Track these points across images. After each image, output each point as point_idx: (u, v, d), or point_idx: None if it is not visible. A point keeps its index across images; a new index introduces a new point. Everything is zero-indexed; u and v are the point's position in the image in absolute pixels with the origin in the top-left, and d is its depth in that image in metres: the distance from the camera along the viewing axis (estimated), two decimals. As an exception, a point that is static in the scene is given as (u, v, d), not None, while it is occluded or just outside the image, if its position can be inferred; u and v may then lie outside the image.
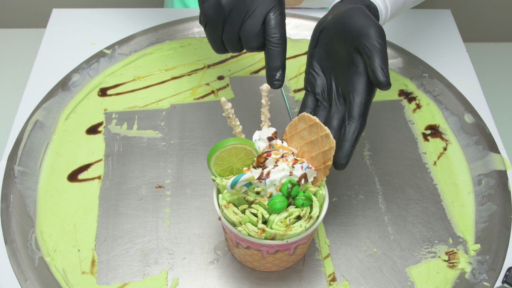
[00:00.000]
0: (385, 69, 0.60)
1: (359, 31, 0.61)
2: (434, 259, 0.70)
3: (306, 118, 0.60)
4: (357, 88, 0.62)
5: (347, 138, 0.61)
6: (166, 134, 0.83)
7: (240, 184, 0.57)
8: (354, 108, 0.61)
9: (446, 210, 0.75)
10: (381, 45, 0.61)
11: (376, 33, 0.61)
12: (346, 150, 0.61)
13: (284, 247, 0.61)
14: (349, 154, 0.61)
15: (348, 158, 0.61)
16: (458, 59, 0.95)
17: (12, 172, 0.75)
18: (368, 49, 0.60)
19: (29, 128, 0.81)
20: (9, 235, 0.69)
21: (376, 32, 0.61)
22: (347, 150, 0.61)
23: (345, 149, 0.61)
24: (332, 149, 0.58)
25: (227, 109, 0.61)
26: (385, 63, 0.60)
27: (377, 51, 0.60)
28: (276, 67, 0.65)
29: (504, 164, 0.78)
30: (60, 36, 0.97)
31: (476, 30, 2.01)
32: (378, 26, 0.62)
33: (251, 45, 0.65)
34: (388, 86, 0.60)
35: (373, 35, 0.61)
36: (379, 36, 0.61)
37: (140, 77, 0.91)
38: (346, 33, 0.63)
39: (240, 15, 0.64)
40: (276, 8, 0.65)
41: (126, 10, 1.02)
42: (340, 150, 0.61)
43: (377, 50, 0.60)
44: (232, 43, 0.66)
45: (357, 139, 0.61)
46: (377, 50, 0.60)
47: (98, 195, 0.75)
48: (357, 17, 0.63)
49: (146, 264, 0.68)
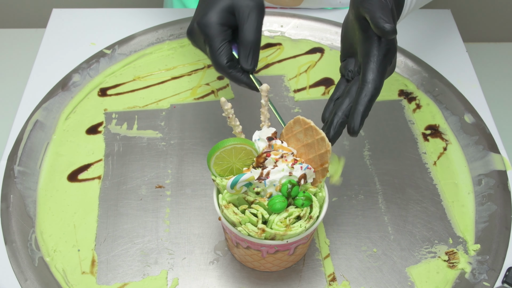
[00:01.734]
0: (387, 17, 0.58)
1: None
2: (434, 259, 0.70)
3: (301, 121, 0.60)
4: (368, 53, 0.61)
5: (359, 101, 0.59)
6: (166, 134, 0.83)
7: (240, 184, 0.57)
8: (366, 72, 0.60)
9: (446, 210, 0.75)
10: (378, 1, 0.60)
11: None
12: (358, 113, 0.59)
13: (284, 247, 0.61)
14: (361, 118, 0.59)
15: (360, 123, 0.59)
16: (458, 59, 0.95)
17: (12, 172, 0.75)
18: (368, 8, 0.60)
19: (29, 128, 0.81)
20: (9, 235, 0.69)
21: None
22: (359, 113, 0.59)
23: (357, 113, 0.59)
24: (328, 152, 0.58)
25: (227, 109, 0.61)
26: (387, 14, 0.59)
27: (376, 6, 0.59)
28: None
29: (504, 164, 0.78)
30: (60, 36, 0.97)
31: (476, 30, 2.00)
32: None
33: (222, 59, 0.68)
34: (394, 33, 0.58)
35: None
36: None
37: (140, 77, 0.91)
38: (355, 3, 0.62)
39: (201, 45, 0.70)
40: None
41: (126, 10, 1.02)
42: (352, 115, 0.60)
43: (376, 5, 0.59)
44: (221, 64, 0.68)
45: (370, 102, 0.60)
46: (376, 5, 0.59)
47: (98, 195, 0.75)
48: None
49: (146, 264, 0.68)
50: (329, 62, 0.94)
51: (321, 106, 0.86)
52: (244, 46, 0.67)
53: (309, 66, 0.94)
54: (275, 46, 0.97)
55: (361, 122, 0.59)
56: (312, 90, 0.90)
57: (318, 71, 0.93)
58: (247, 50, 0.67)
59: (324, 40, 0.98)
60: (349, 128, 0.60)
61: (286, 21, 0.99)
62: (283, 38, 0.98)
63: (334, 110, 0.63)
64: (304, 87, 0.91)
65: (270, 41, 0.97)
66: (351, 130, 0.60)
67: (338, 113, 0.62)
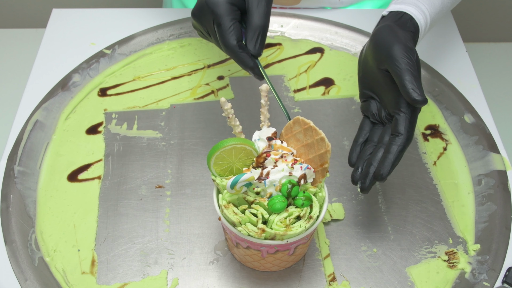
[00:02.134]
0: (416, 85, 0.60)
1: (386, 53, 0.62)
2: (434, 259, 0.70)
3: (300, 121, 0.60)
4: (398, 104, 0.63)
5: (390, 151, 0.62)
6: (166, 134, 0.83)
7: (240, 184, 0.57)
8: (398, 123, 0.62)
9: (446, 210, 0.75)
10: (406, 63, 0.61)
11: (399, 52, 0.61)
12: (388, 162, 0.61)
13: (284, 247, 0.61)
14: (391, 167, 0.62)
15: (389, 171, 0.62)
16: (458, 59, 0.95)
17: (12, 172, 0.75)
18: (394, 71, 0.61)
19: (29, 128, 0.81)
20: (9, 235, 0.69)
21: (399, 51, 0.61)
22: (389, 162, 0.61)
23: (388, 161, 0.61)
24: (328, 152, 0.58)
25: (226, 109, 0.61)
26: (415, 79, 0.60)
27: (403, 70, 0.61)
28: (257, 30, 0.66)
29: (504, 164, 0.78)
30: (60, 36, 0.97)
31: (476, 30, 2.00)
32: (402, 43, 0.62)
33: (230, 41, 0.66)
34: (424, 103, 0.60)
35: (397, 55, 0.61)
36: (403, 55, 0.61)
37: (140, 77, 0.91)
38: (377, 55, 0.64)
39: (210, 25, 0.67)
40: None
41: (126, 10, 1.02)
42: (383, 162, 0.62)
43: (403, 69, 0.61)
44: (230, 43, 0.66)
45: (401, 152, 0.62)
46: (403, 70, 0.61)
47: (98, 195, 0.75)
48: (383, 37, 0.64)
49: (146, 264, 0.68)
50: (329, 62, 0.94)
51: (321, 106, 0.87)
52: (252, 30, 0.65)
53: (309, 66, 0.94)
54: (275, 46, 0.97)
55: (390, 170, 0.62)
56: (312, 90, 0.90)
57: (318, 71, 0.93)
58: (255, 34, 0.65)
59: (324, 40, 0.98)
60: (378, 175, 0.62)
61: (286, 21, 0.99)
62: (283, 38, 0.98)
63: (370, 160, 0.65)
64: (304, 87, 0.91)
65: (270, 41, 0.97)
66: (379, 176, 0.62)
67: (374, 164, 0.64)
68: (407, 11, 0.67)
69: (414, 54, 0.62)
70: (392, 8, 0.69)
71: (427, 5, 0.69)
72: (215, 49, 0.96)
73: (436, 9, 0.71)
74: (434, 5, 0.70)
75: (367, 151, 0.66)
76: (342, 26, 0.98)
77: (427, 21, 0.69)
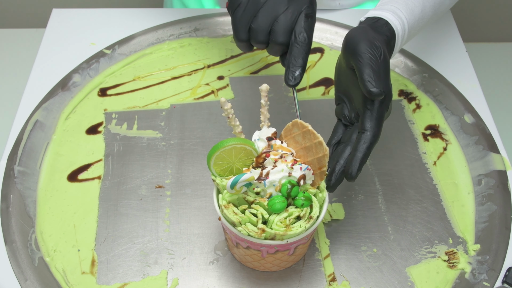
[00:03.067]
0: (373, 78, 0.60)
1: (352, 50, 0.62)
2: (434, 259, 0.70)
3: (299, 124, 0.60)
4: (365, 101, 0.63)
5: (358, 149, 0.62)
6: (166, 134, 0.83)
7: (240, 184, 0.57)
8: (364, 120, 0.62)
9: (446, 210, 0.75)
10: (368, 58, 0.61)
11: (364, 48, 0.61)
12: (356, 160, 0.61)
13: (284, 247, 0.61)
14: (359, 165, 0.61)
15: (358, 169, 0.61)
16: (458, 59, 0.95)
17: (12, 172, 0.75)
18: (356, 66, 0.61)
19: (29, 128, 0.81)
20: (9, 235, 0.69)
21: (363, 47, 0.61)
22: (357, 160, 0.61)
23: (355, 160, 0.61)
24: (326, 156, 0.59)
25: (226, 109, 0.61)
26: (374, 73, 0.60)
27: (364, 64, 0.61)
28: (298, 64, 0.66)
29: (504, 164, 0.78)
30: (60, 36, 0.97)
31: (476, 30, 2.00)
32: (368, 41, 0.62)
33: (279, 39, 0.66)
34: (379, 95, 0.60)
35: (360, 51, 0.61)
36: (367, 50, 0.61)
37: (140, 77, 0.91)
38: (346, 54, 0.64)
39: (277, 7, 0.66)
40: (309, 9, 0.66)
41: (126, 10, 1.02)
42: (351, 161, 0.62)
43: (364, 63, 0.61)
44: (261, 33, 0.66)
45: (368, 149, 0.62)
46: (363, 64, 0.61)
47: (98, 195, 0.75)
48: (353, 36, 0.64)
49: (146, 264, 0.68)
50: (329, 62, 0.94)
51: (321, 106, 0.87)
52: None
53: (309, 66, 0.94)
54: (275, 46, 0.97)
55: (359, 168, 0.61)
56: (312, 90, 0.90)
57: (318, 71, 0.93)
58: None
59: (324, 40, 0.98)
60: (347, 174, 0.62)
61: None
62: (283, 38, 0.98)
63: (336, 158, 0.65)
64: (304, 87, 0.91)
65: (270, 41, 0.97)
66: (348, 176, 0.62)
67: (340, 161, 0.64)
68: (383, 17, 0.68)
69: (379, 51, 0.62)
70: (369, 14, 0.69)
71: (405, 12, 0.69)
72: (215, 49, 0.96)
73: (416, 16, 0.71)
74: (413, 12, 0.70)
75: (338, 152, 0.66)
76: (342, 26, 0.98)
77: (404, 27, 0.69)
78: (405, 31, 0.69)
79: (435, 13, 0.76)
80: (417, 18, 0.71)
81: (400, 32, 0.69)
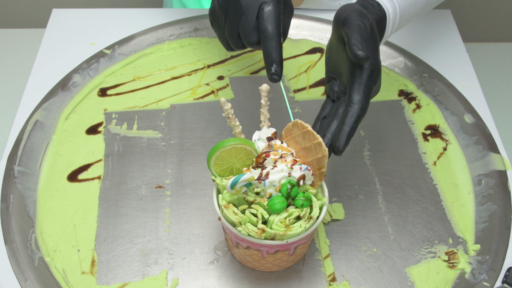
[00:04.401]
0: (360, 42, 0.59)
1: (342, 21, 0.62)
2: (434, 259, 0.70)
3: (299, 124, 0.60)
4: (353, 74, 0.62)
5: (345, 122, 0.60)
6: (166, 134, 0.83)
7: (240, 184, 0.57)
8: (352, 94, 0.61)
9: (446, 210, 0.75)
10: (358, 25, 0.61)
11: (353, 17, 0.61)
12: (343, 133, 0.60)
13: (284, 247, 0.61)
14: (346, 139, 0.60)
15: (345, 143, 0.60)
16: (458, 59, 0.95)
17: (12, 172, 0.75)
18: (346, 33, 0.61)
19: (29, 128, 0.81)
20: (9, 235, 0.69)
21: (353, 16, 0.61)
22: (345, 133, 0.60)
23: (343, 133, 0.60)
24: (324, 157, 0.59)
25: (226, 109, 0.61)
26: (363, 38, 0.60)
27: (353, 31, 0.60)
28: (269, 61, 0.65)
29: (504, 164, 0.78)
30: (60, 36, 0.97)
31: (476, 30, 2.00)
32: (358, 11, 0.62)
33: (249, 41, 0.66)
34: (365, 60, 0.59)
35: (350, 20, 0.61)
36: (357, 18, 0.61)
37: (140, 77, 0.91)
38: (336, 27, 0.64)
39: (236, 13, 0.66)
40: (267, 2, 0.65)
41: (126, 10, 1.02)
42: (338, 134, 0.60)
43: (353, 30, 0.60)
44: (233, 41, 0.68)
45: (355, 123, 0.60)
46: (352, 30, 0.60)
47: (98, 195, 0.75)
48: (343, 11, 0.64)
49: (146, 264, 0.68)
50: (329, 62, 0.94)
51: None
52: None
53: (309, 66, 0.94)
54: (275, 46, 0.97)
55: (346, 142, 0.60)
56: (312, 90, 0.90)
57: (318, 71, 0.93)
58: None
59: (324, 40, 0.98)
60: (334, 148, 0.61)
61: (286, 21, 0.99)
62: (283, 38, 0.98)
63: (322, 132, 0.64)
64: (304, 87, 0.91)
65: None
66: (335, 149, 0.60)
67: (327, 135, 0.63)
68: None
69: (369, 22, 0.62)
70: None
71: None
72: (215, 49, 0.96)
73: (408, 1, 0.70)
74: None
75: (324, 126, 0.65)
76: (342, 26, 0.98)
77: (395, 9, 0.69)
78: (397, 14, 0.69)
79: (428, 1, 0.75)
80: (409, 2, 0.71)
81: (392, 14, 0.68)
